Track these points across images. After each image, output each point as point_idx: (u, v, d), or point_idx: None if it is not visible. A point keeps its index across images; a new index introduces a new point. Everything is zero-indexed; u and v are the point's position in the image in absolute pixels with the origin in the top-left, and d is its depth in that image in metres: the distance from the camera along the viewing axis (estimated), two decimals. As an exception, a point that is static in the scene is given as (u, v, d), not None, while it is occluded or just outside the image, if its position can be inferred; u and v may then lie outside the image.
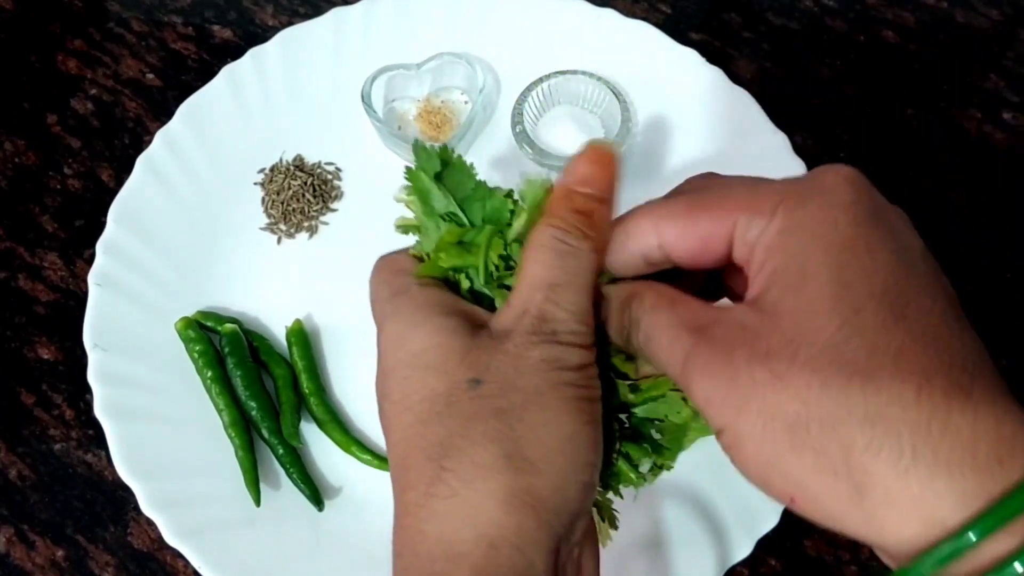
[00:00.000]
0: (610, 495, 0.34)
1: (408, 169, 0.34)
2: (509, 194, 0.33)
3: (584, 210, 0.30)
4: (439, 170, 0.34)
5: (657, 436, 0.33)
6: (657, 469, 0.34)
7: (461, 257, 0.32)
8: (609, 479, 0.33)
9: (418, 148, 0.34)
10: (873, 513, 0.23)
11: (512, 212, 0.33)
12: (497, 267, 0.32)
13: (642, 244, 0.29)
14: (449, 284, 0.33)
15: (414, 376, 0.29)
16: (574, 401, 0.28)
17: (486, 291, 0.33)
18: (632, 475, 0.33)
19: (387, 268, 0.34)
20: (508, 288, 0.32)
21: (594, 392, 0.29)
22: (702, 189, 0.30)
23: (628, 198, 0.57)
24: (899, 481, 0.22)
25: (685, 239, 0.28)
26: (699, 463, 0.48)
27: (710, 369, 0.25)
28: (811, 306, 0.24)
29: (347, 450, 0.50)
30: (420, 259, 0.34)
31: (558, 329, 0.29)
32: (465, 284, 0.33)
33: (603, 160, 0.31)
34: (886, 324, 0.23)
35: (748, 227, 0.27)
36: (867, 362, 0.23)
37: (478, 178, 0.34)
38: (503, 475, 0.27)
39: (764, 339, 0.24)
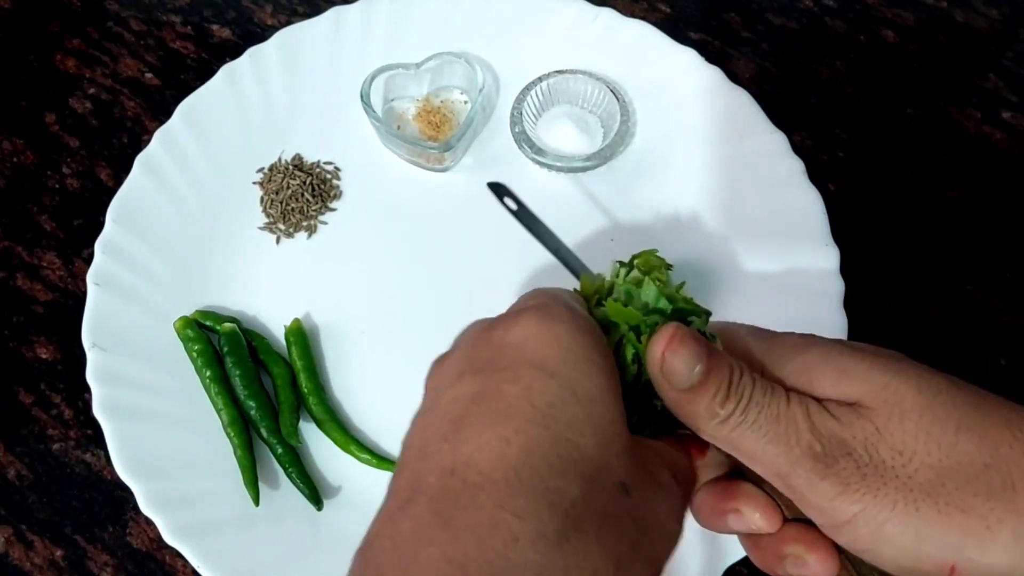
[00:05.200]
0: None
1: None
2: None
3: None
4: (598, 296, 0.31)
5: None
6: None
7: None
8: None
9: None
10: None
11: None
12: None
13: None
14: None
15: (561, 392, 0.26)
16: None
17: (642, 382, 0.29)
18: None
19: (547, 290, 0.31)
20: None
21: None
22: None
23: (627, 196, 0.58)
24: None
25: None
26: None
27: (833, 465, 0.27)
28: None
29: (346, 449, 0.50)
30: (588, 299, 0.31)
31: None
32: (631, 358, 0.29)
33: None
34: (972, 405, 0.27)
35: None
36: (972, 417, 0.27)
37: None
38: None
39: (880, 438, 0.27)
